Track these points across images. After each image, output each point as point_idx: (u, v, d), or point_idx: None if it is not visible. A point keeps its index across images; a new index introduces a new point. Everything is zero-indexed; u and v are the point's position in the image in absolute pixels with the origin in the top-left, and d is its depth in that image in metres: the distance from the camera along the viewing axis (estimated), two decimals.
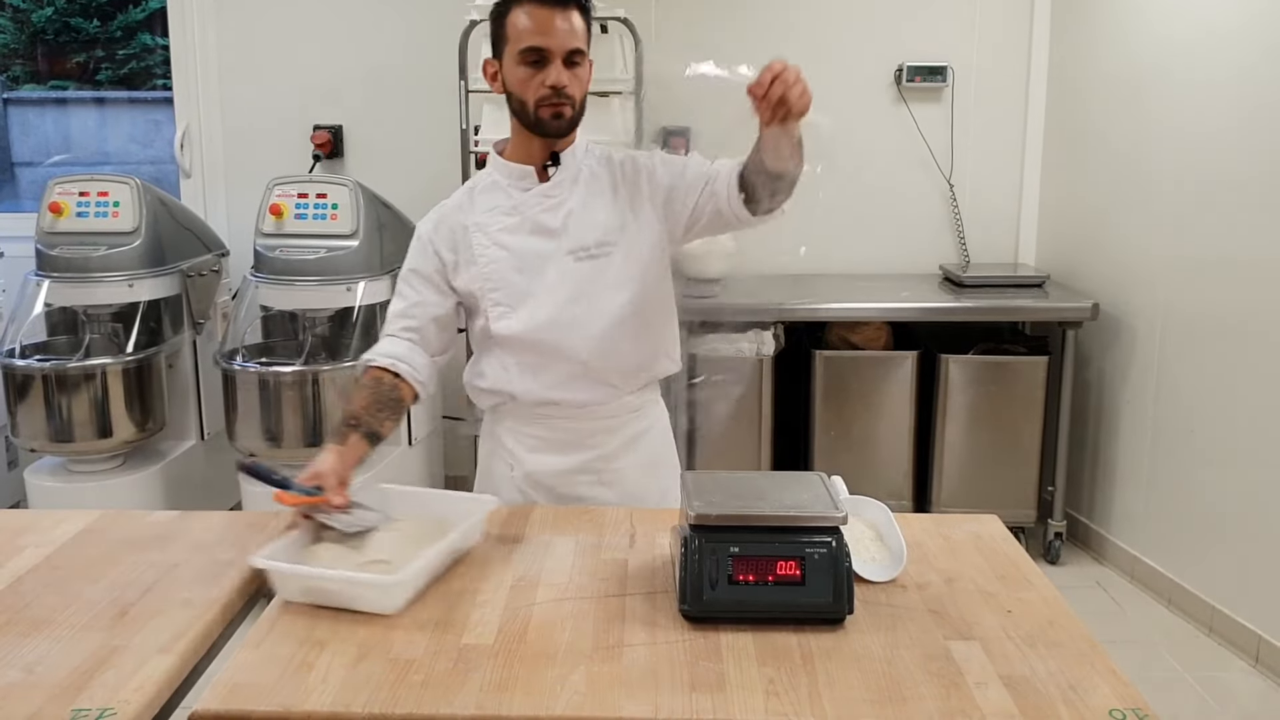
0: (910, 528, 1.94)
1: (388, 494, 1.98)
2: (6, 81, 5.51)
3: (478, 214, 2.13)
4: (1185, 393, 3.65)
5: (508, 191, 2.13)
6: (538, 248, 2.10)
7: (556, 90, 2.00)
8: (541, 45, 1.99)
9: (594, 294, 2.10)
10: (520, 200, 2.12)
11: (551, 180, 2.12)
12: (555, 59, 2.00)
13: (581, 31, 2.03)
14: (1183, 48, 3.62)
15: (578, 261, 2.09)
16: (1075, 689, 1.46)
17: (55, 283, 3.72)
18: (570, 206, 2.11)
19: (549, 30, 1.99)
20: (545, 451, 2.19)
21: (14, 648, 1.54)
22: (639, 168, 2.17)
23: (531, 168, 2.12)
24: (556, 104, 2.02)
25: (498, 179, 2.15)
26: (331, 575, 1.68)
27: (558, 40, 1.99)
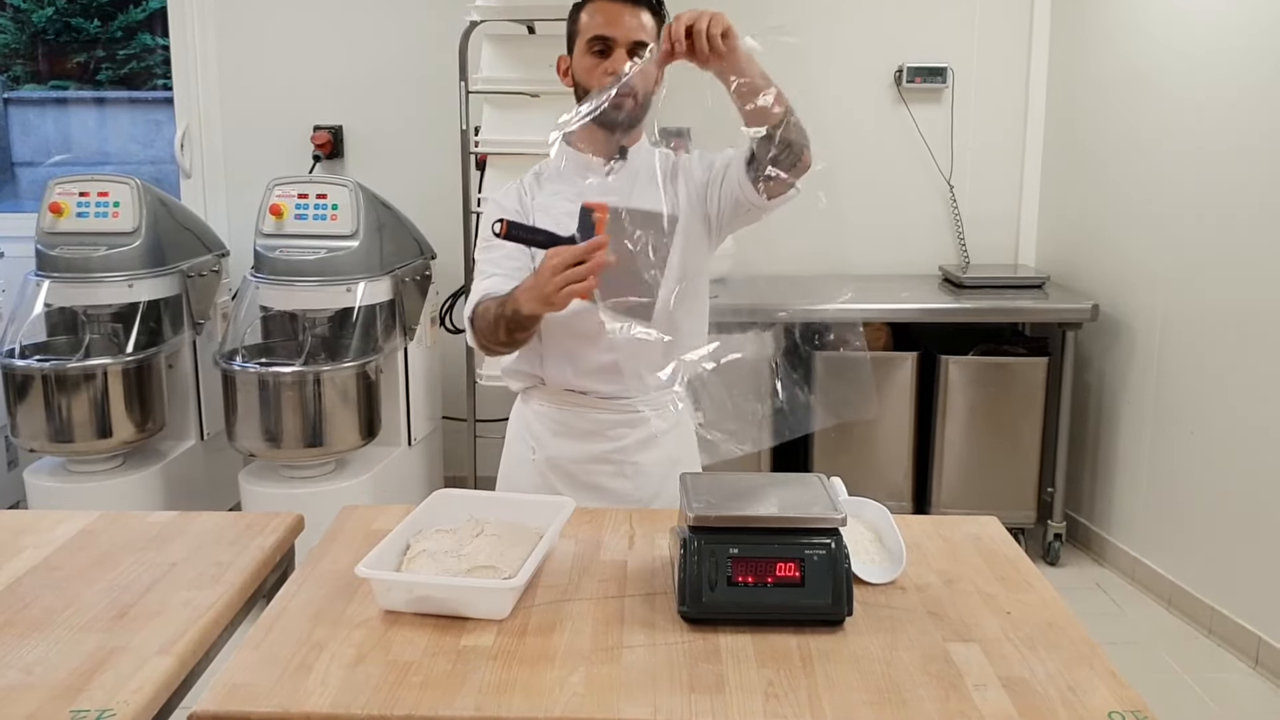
0: (910, 529, 1.94)
1: (461, 500, 1.96)
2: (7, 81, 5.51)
3: (543, 196, 2.18)
4: (1185, 394, 3.65)
5: (572, 180, 2.16)
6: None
7: (619, 78, 2.00)
8: (607, 34, 2.06)
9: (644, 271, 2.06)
10: (583, 189, 2.12)
11: (614, 173, 2.15)
12: (619, 48, 2.06)
13: (650, 28, 2.09)
14: (1182, 49, 3.62)
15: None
16: (1074, 691, 1.46)
17: (55, 283, 3.72)
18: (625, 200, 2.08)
19: (616, 21, 2.06)
20: (567, 437, 2.22)
21: (13, 648, 1.54)
22: (678, 168, 2.24)
23: (599, 159, 2.15)
24: (619, 94, 2.01)
25: (562, 166, 2.19)
26: (446, 583, 1.65)
27: (623, 31, 2.06)
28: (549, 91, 3.81)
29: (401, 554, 1.77)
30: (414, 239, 4.03)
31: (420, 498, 2.03)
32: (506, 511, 1.92)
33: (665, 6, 2.15)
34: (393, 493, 3.83)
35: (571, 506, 1.90)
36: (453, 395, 4.37)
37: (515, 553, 1.74)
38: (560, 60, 2.18)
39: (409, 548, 1.78)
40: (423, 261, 4.05)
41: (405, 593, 1.65)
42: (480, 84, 3.83)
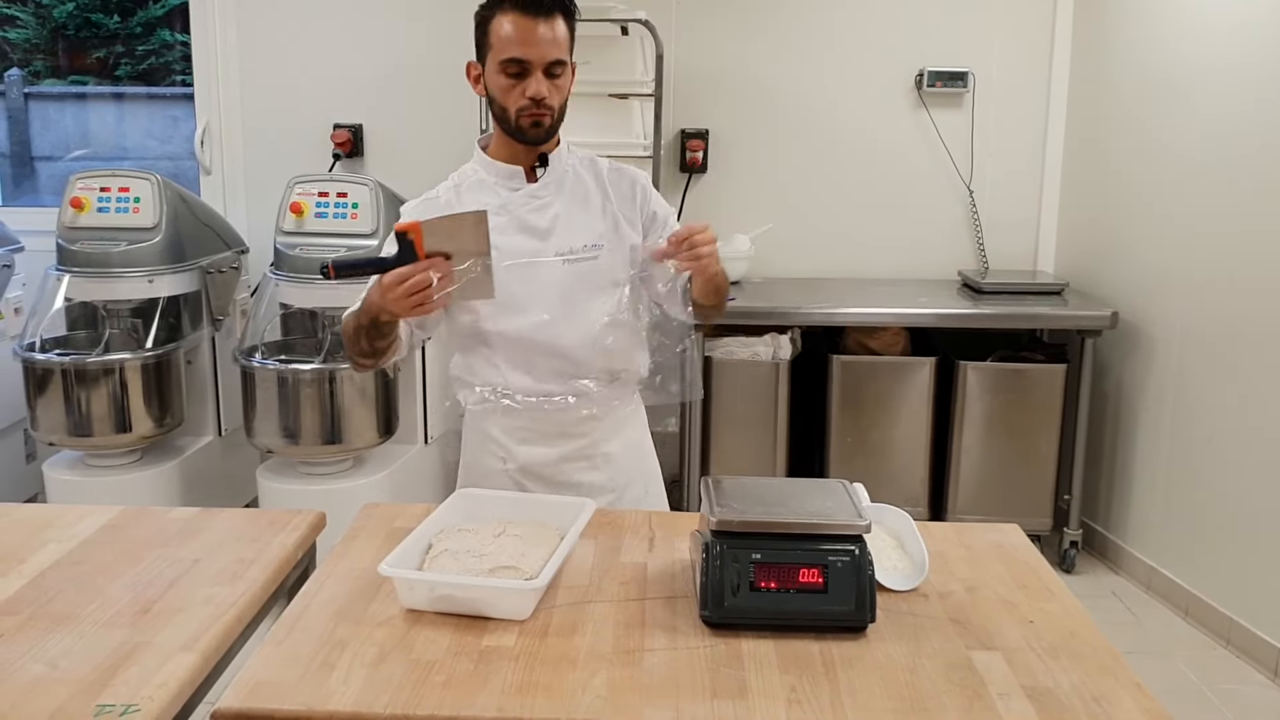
0: (931, 536, 1.94)
1: (482, 499, 1.97)
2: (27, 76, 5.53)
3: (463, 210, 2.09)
4: (1203, 402, 3.64)
5: (495, 190, 2.14)
6: (527, 248, 2.12)
7: (536, 101, 2.03)
8: (522, 57, 2.01)
9: (584, 296, 2.14)
10: (508, 199, 2.14)
11: (539, 181, 2.15)
12: (536, 70, 2.02)
13: (564, 40, 2.05)
14: (1205, 56, 3.61)
15: (566, 264, 2.13)
16: (1099, 702, 1.46)
17: (75, 277, 3.74)
18: (557, 209, 2.15)
19: (531, 41, 2.01)
20: (537, 443, 2.20)
21: (37, 643, 1.55)
22: (634, 181, 2.23)
23: (520, 168, 2.15)
24: (536, 113, 2.04)
25: (485, 177, 2.17)
26: (468, 583, 1.65)
27: (538, 51, 2.01)
28: None
29: (424, 553, 1.77)
30: None
31: (437, 496, 2.03)
32: (528, 512, 1.92)
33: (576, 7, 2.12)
34: (410, 490, 3.84)
35: (592, 507, 1.90)
36: None
37: (537, 553, 1.74)
38: (470, 66, 2.13)
39: (431, 547, 1.78)
40: None
41: (427, 592, 1.65)
42: None
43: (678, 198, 4.46)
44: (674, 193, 4.45)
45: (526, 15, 2.00)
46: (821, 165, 4.51)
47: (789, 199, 4.51)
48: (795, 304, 4.02)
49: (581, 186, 2.18)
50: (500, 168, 2.15)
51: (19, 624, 1.61)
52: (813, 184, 4.52)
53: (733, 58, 4.44)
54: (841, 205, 4.53)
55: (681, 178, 4.47)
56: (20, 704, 1.39)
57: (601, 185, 2.20)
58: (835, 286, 4.35)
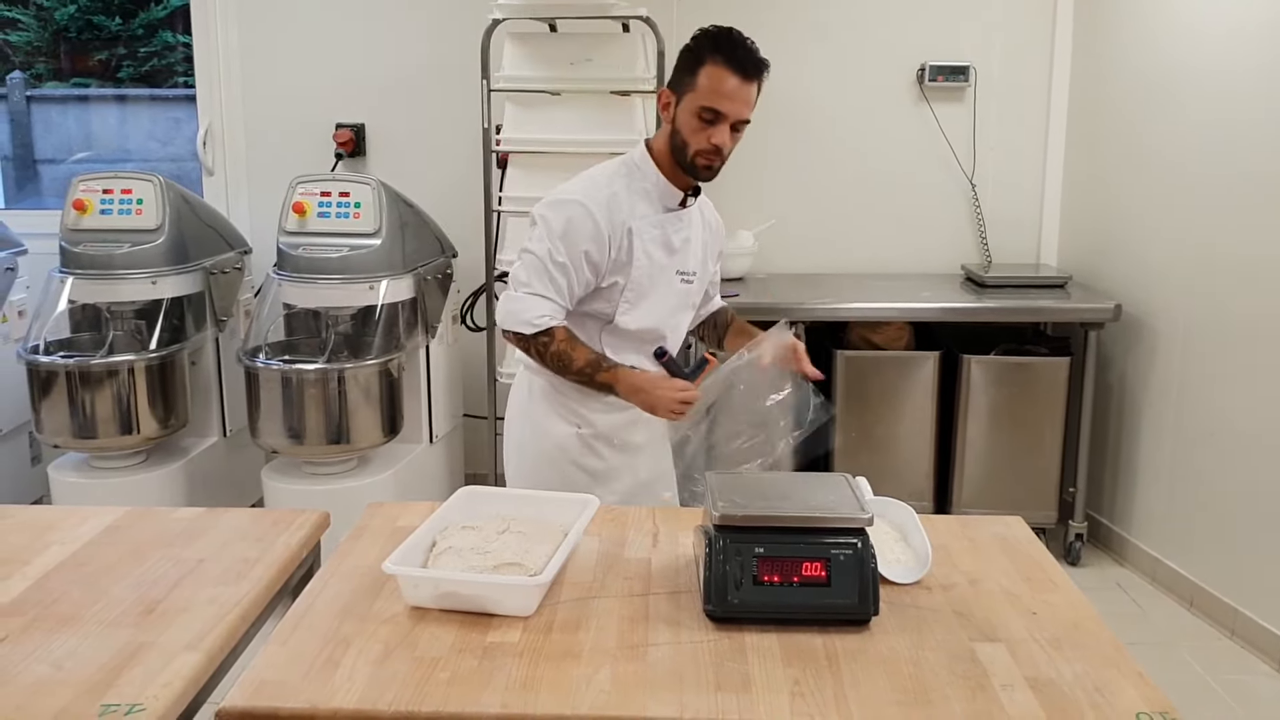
0: (935, 529, 1.94)
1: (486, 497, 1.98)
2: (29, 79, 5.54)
3: (636, 217, 2.30)
4: (1207, 394, 3.63)
5: (652, 203, 2.33)
6: (664, 261, 2.35)
7: (718, 150, 2.22)
8: (722, 110, 2.19)
9: (683, 310, 2.45)
10: (664, 218, 2.34)
11: (687, 208, 2.38)
12: (725, 123, 2.20)
13: (754, 100, 2.24)
14: (1207, 46, 3.60)
15: (682, 281, 2.40)
16: (1101, 692, 1.46)
17: (79, 279, 3.74)
18: (688, 235, 2.39)
19: (733, 98, 2.19)
20: (612, 411, 2.39)
21: (42, 643, 1.56)
22: (720, 226, 2.57)
23: (681, 193, 2.35)
24: (713, 159, 2.23)
25: (649, 188, 2.32)
26: (472, 579, 1.67)
27: (736, 109, 2.20)
28: (571, 90, 3.81)
29: (428, 550, 1.78)
30: (436, 237, 4.04)
31: (442, 495, 2.04)
32: (531, 509, 1.92)
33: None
34: (414, 490, 3.84)
35: (596, 504, 1.91)
36: (473, 393, 4.38)
37: (540, 550, 1.74)
38: (663, 93, 2.31)
39: (435, 544, 1.79)
40: (444, 260, 4.06)
41: (432, 589, 1.66)
42: (502, 82, 3.84)
43: None
44: None
45: (736, 74, 2.19)
46: (824, 160, 4.50)
47: (791, 195, 4.51)
48: (799, 299, 4.02)
49: (700, 220, 2.44)
50: (665, 188, 2.33)
51: (24, 625, 1.61)
52: (815, 179, 4.51)
53: None
54: (844, 200, 4.53)
55: None
56: (25, 705, 1.40)
57: (705, 222, 2.47)
58: (838, 281, 4.34)
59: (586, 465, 2.39)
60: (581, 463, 2.39)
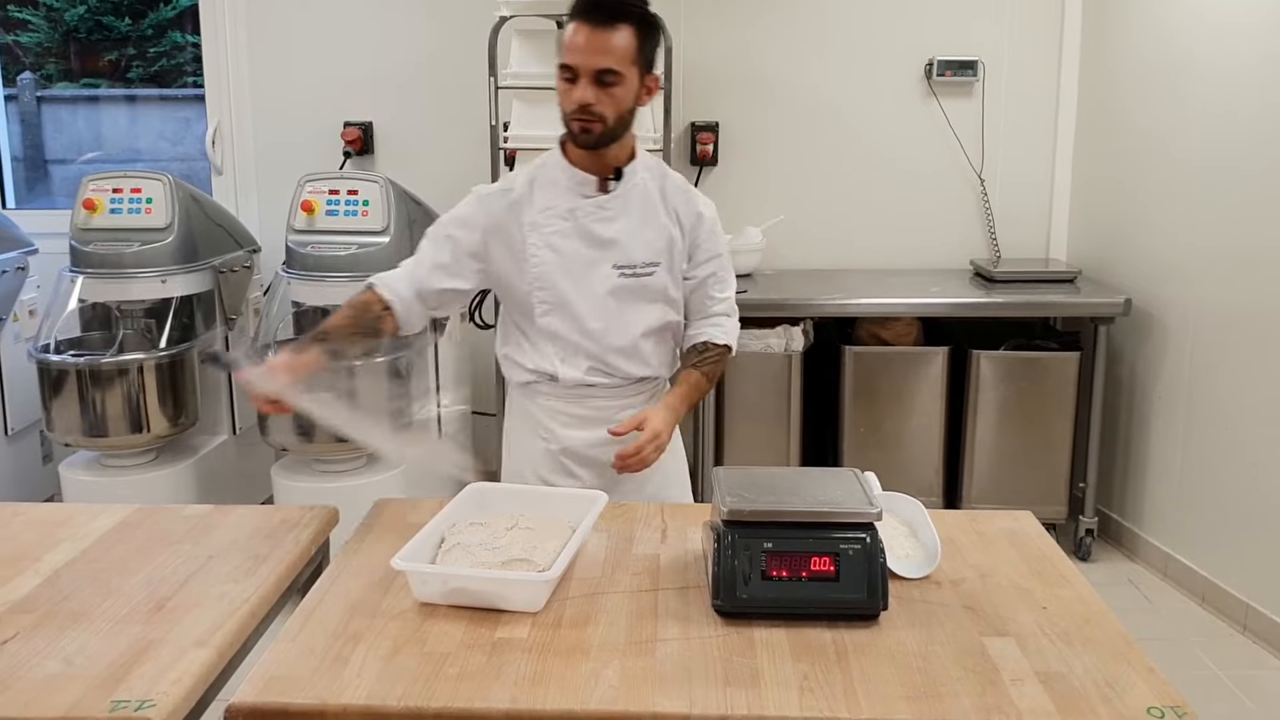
0: (944, 524, 1.93)
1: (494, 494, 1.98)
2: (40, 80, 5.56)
3: (535, 211, 2.19)
4: (1218, 388, 3.62)
5: (566, 194, 2.20)
6: (585, 255, 2.19)
7: (584, 108, 2.06)
8: (571, 64, 2.06)
9: (632, 307, 2.23)
10: (577, 205, 2.19)
11: (610, 193, 2.20)
12: (584, 78, 2.05)
13: (622, 49, 2.05)
14: (1217, 39, 3.58)
15: (623, 277, 2.21)
16: (1112, 686, 1.45)
17: (89, 279, 3.75)
18: (623, 223, 2.20)
19: (582, 49, 2.04)
20: (580, 427, 2.28)
21: (53, 640, 1.56)
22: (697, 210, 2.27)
23: (593, 178, 2.19)
24: (583, 120, 2.08)
25: (559, 177, 2.21)
26: (481, 575, 1.67)
27: (586, 59, 2.04)
28: None
29: (436, 547, 1.78)
30: None
31: (451, 493, 2.05)
32: (539, 505, 1.93)
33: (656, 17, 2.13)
34: (423, 486, 3.84)
35: (604, 500, 1.91)
36: (481, 390, 4.38)
37: (549, 546, 1.75)
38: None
39: (444, 541, 1.79)
40: None
41: (441, 585, 1.66)
42: (509, 79, 3.84)
43: None
44: None
45: (584, 24, 2.05)
46: (832, 156, 4.49)
47: (800, 190, 4.50)
48: (807, 296, 4.02)
49: (650, 203, 2.23)
50: (575, 174, 2.19)
51: (35, 622, 1.62)
52: (823, 175, 4.51)
53: (742, 50, 4.43)
54: (852, 196, 4.52)
55: (692, 171, 4.46)
56: (36, 700, 1.41)
57: (668, 203, 2.24)
58: (847, 277, 4.34)
59: (559, 485, 2.27)
60: (553, 481, 2.29)
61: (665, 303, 2.27)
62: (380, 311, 2.21)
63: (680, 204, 2.26)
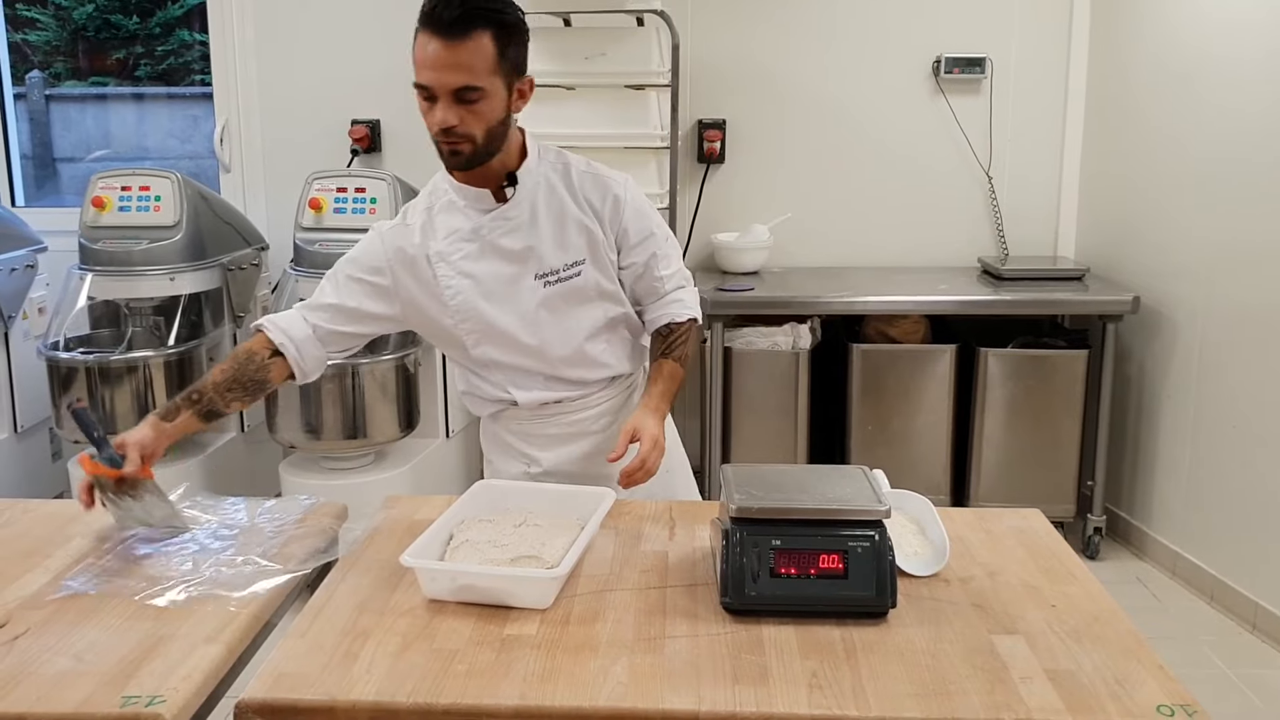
0: (952, 522, 1.93)
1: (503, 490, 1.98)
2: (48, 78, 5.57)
3: (439, 241, 2.05)
4: (1227, 386, 3.61)
5: (466, 214, 2.05)
6: (502, 272, 2.05)
7: (445, 131, 1.89)
8: (424, 82, 1.89)
9: (566, 312, 2.09)
10: (479, 223, 2.04)
11: (510, 201, 2.04)
12: (442, 98, 1.88)
13: (481, 62, 1.86)
14: (1226, 34, 3.57)
15: (548, 286, 2.07)
16: (1122, 684, 1.45)
17: (98, 276, 3.76)
18: (532, 229, 2.05)
19: (435, 65, 1.86)
20: (559, 445, 2.20)
21: (64, 636, 1.57)
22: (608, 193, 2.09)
23: (486, 190, 2.04)
24: (450, 142, 1.91)
25: (454, 199, 2.06)
26: (490, 572, 1.67)
27: (439, 78, 1.86)
28: (585, 85, 3.81)
29: (445, 544, 1.78)
30: None
31: (458, 489, 2.06)
32: (548, 502, 1.93)
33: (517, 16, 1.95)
34: (431, 484, 3.85)
35: (612, 498, 1.91)
36: None
37: (558, 543, 1.75)
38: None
39: (452, 538, 1.80)
40: None
41: (449, 582, 1.66)
42: None
43: (695, 188, 4.45)
44: (692, 184, 4.45)
45: (436, 36, 1.86)
46: (839, 153, 4.49)
47: (807, 188, 4.50)
48: (814, 293, 4.01)
49: (556, 200, 2.07)
50: (467, 190, 2.04)
51: (45, 618, 1.63)
52: (831, 172, 4.50)
53: (749, 47, 4.43)
54: (860, 193, 4.52)
55: (699, 168, 4.46)
56: (47, 696, 1.41)
57: (577, 196, 2.08)
58: (854, 275, 4.33)
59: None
60: None
61: (602, 299, 2.11)
62: (266, 360, 2.06)
63: (592, 193, 2.08)
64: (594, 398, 2.19)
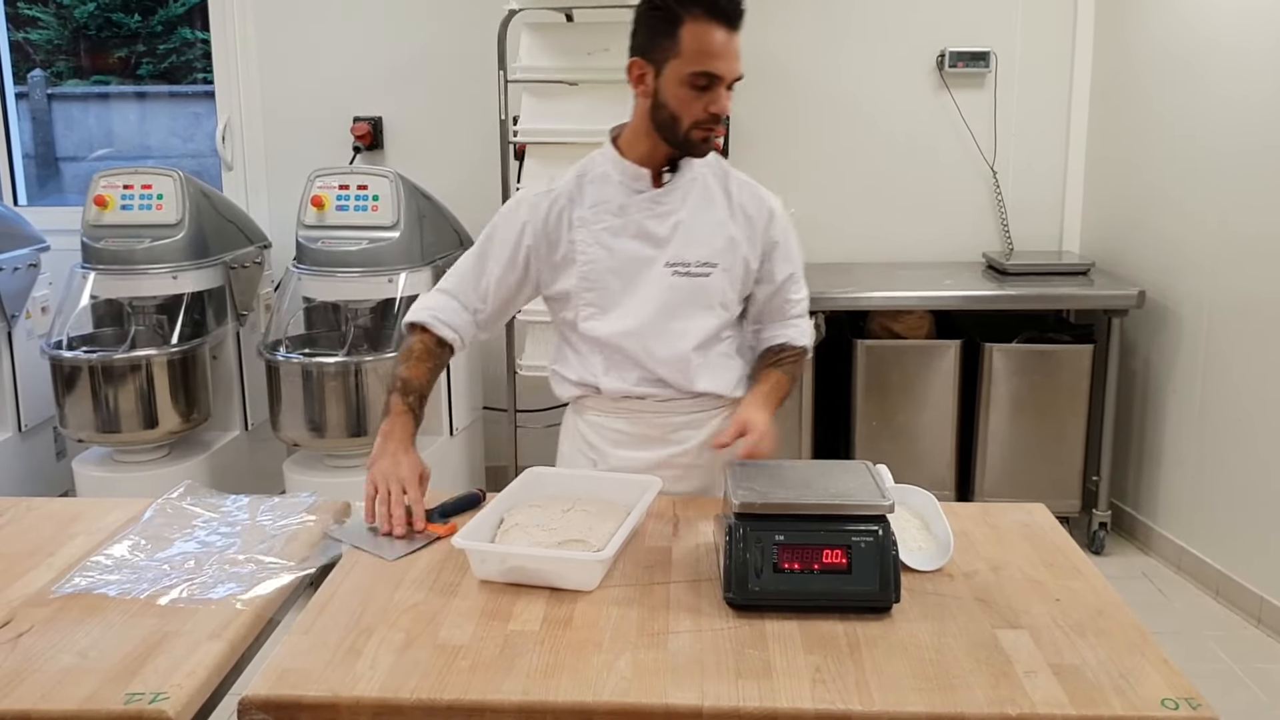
0: (956, 516, 1.93)
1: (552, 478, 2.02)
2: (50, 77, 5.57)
3: (584, 208, 2.08)
4: (1232, 381, 3.60)
5: (618, 189, 2.08)
6: (638, 253, 2.07)
7: (717, 118, 1.96)
8: (716, 72, 1.92)
9: (684, 314, 2.09)
10: (629, 202, 2.07)
11: (664, 187, 2.08)
12: (723, 86, 1.94)
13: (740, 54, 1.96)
14: (1232, 26, 3.56)
15: (675, 275, 2.07)
16: (1126, 678, 1.45)
17: (101, 275, 3.76)
18: (680, 218, 2.08)
19: (725, 55, 1.92)
20: (629, 447, 2.18)
21: (68, 633, 1.57)
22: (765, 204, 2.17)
23: (648, 171, 2.07)
24: (713, 129, 1.97)
25: (609, 172, 2.09)
26: (538, 554, 1.71)
27: (730, 67, 1.93)
28: (588, 80, 3.81)
29: (495, 527, 1.83)
30: (454, 230, 4.04)
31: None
32: (595, 489, 1.97)
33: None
34: (435, 482, 3.80)
35: (658, 485, 1.95)
36: (494, 385, 4.39)
37: (604, 528, 1.79)
38: (634, 64, 2.00)
39: (502, 521, 1.84)
40: (463, 252, 4.05)
41: (499, 563, 1.70)
42: (519, 73, 3.84)
43: None
44: None
45: (724, 27, 1.91)
46: (843, 149, 4.48)
47: (811, 183, 4.49)
48: (819, 289, 3.95)
49: (708, 199, 2.10)
50: (627, 167, 2.07)
51: (49, 615, 1.62)
52: (835, 168, 4.49)
53: (753, 41, 4.36)
54: (864, 189, 4.51)
55: None
56: (51, 693, 1.41)
57: (730, 201, 2.12)
58: (859, 271, 4.33)
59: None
60: None
61: (721, 309, 2.12)
62: (444, 352, 2.17)
63: (749, 202, 2.14)
64: (678, 404, 2.15)
